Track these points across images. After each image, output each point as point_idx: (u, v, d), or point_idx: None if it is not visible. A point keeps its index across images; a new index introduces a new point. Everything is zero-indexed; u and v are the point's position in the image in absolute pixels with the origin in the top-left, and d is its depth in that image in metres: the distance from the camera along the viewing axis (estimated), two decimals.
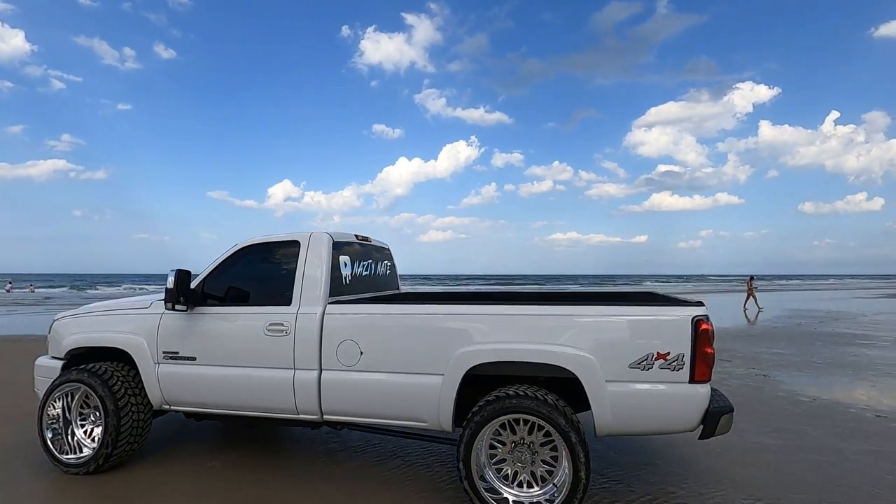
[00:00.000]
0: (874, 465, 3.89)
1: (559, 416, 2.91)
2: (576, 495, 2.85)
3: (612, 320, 3.07)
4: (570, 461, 2.87)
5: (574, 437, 2.87)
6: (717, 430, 2.95)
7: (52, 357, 4.13)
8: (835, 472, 3.75)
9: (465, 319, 3.27)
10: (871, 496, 3.37)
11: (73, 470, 3.71)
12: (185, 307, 3.65)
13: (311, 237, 3.78)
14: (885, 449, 4.23)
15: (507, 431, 3.08)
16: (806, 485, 3.54)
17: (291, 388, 3.48)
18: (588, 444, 2.93)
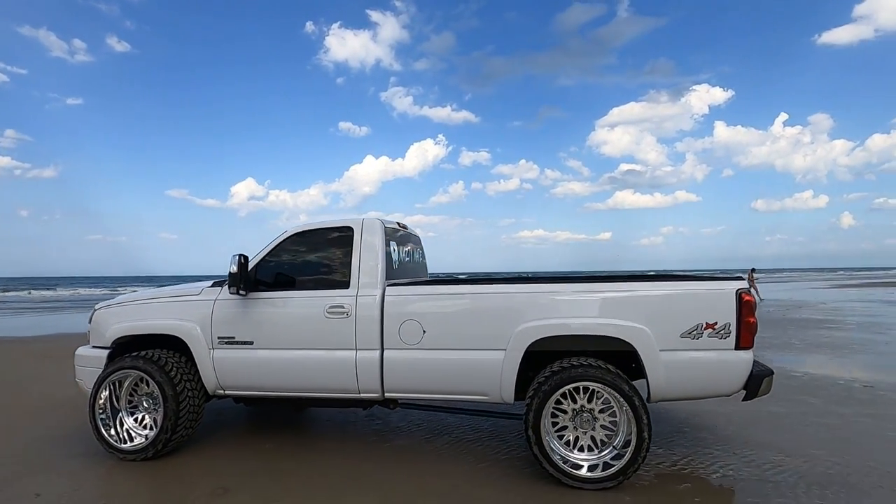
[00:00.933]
0: (876, 425, 4.33)
1: (622, 382, 3.16)
2: (640, 453, 3.10)
3: (664, 294, 3.34)
4: (635, 423, 3.11)
5: (637, 401, 3.13)
6: (759, 392, 3.26)
7: (95, 346, 4.10)
8: (844, 432, 4.16)
9: (527, 297, 3.48)
10: (881, 449, 3.77)
11: (130, 457, 3.72)
12: (245, 292, 3.71)
13: (364, 223, 3.91)
14: (881, 412, 4.70)
15: (568, 400, 3.31)
16: (823, 442, 3.92)
17: (354, 367, 3.61)
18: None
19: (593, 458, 3.23)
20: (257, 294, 3.81)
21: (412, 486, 3.27)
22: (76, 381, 4.15)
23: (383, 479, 3.36)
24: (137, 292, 4.38)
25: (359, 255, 3.79)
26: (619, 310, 3.32)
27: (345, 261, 3.82)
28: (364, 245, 3.81)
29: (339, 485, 3.29)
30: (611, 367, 3.23)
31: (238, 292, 3.67)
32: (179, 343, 3.90)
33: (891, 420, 4.45)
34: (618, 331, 3.28)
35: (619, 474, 3.12)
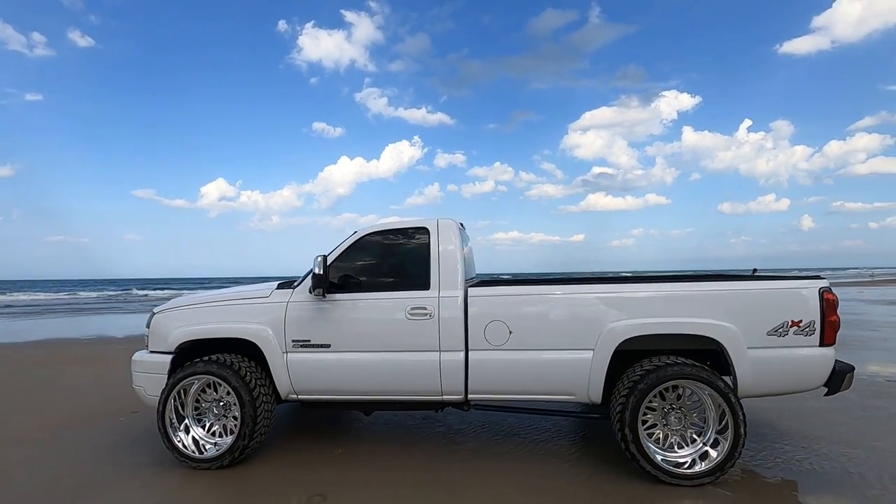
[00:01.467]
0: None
1: (717, 379, 3.23)
2: (737, 448, 3.18)
3: (751, 293, 3.43)
4: (731, 418, 3.18)
5: (733, 397, 3.20)
6: (841, 387, 3.38)
7: (155, 351, 3.94)
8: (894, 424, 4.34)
9: (616, 297, 3.52)
10: None
11: (204, 465, 3.59)
12: (326, 294, 3.64)
13: (440, 223, 3.88)
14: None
15: (658, 399, 3.36)
16: (879, 434, 4.09)
17: (438, 369, 3.57)
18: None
19: (688, 455, 3.29)
20: (333, 296, 3.73)
21: (514, 486, 3.25)
22: (134, 388, 3.98)
23: (475, 481, 3.34)
24: (196, 295, 4.23)
25: (437, 255, 3.75)
26: (707, 309, 3.39)
27: (422, 262, 3.78)
28: (442, 246, 3.78)
29: (433, 488, 3.25)
30: (704, 366, 3.30)
31: (323, 294, 3.59)
32: (248, 347, 3.79)
33: None
34: (708, 329, 3.35)
35: (716, 469, 3.19)
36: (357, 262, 3.90)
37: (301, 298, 3.77)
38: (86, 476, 3.52)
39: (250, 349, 3.79)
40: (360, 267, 3.89)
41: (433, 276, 3.71)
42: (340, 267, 3.85)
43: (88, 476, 3.52)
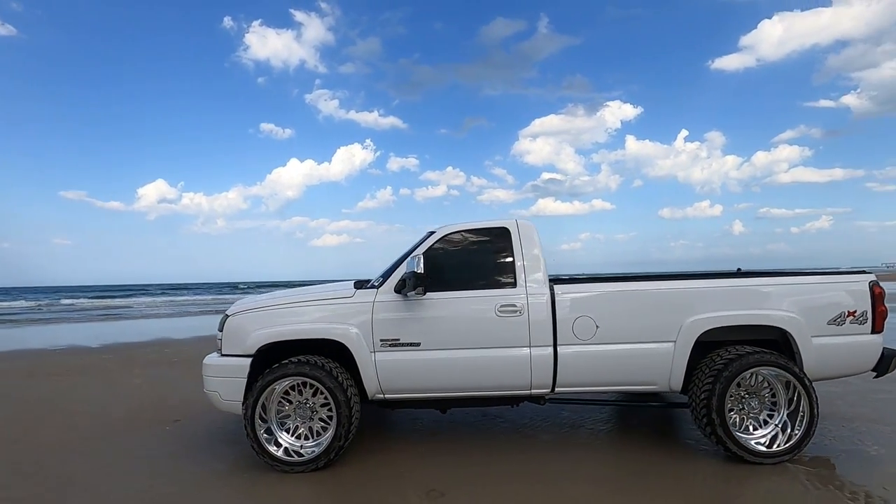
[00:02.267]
0: None
1: (794, 366, 3.54)
2: (812, 428, 3.49)
3: (814, 287, 3.78)
4: (807, 400, 3.49)
5: (807, 381, 3.52)
6: (889, 369, 3.78)
7: (230, 355, 3.83)
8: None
9: (696, 292, 3.77)
10: None
11: (298, 468, 3.54)
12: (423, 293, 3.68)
13: (519, 223, 4.01)
14: None
15: (733, 385, 3.63)
16: None
17: (528, 364, 3.70)
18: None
19: (764, 436, 3.58)
20: (421, 295, 3.77)
21: (613, 471, 3.42)
22: (207, 393, 3.85)
23: (568, 470, 3.48)
24: (266, 297, 4.14)
25: (521, 254, 3.88)
26: (776, 301, 3.71)
27: (506, 260, 3.90)
28: (524, 245, 3.91)
29: (536, 479, 3.37)
30: (780, 354, 3.60)
31: (424, 292, 3.63)
32: (329, 348, 3.77)
33: None
34: (776, 320, 3.66)
35: (795, 448, 3.48)
36: (439, 261, 3.94)
37: (387, 298, 3.79)
38: (176, 484, 3.38)
39: (332, 350, 3.77)
40: (442, 266, 3.94)
41: (519, 275, 3.83)
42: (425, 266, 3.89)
43: (178, 484, 3.38)
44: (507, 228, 4.00)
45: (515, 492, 3.19)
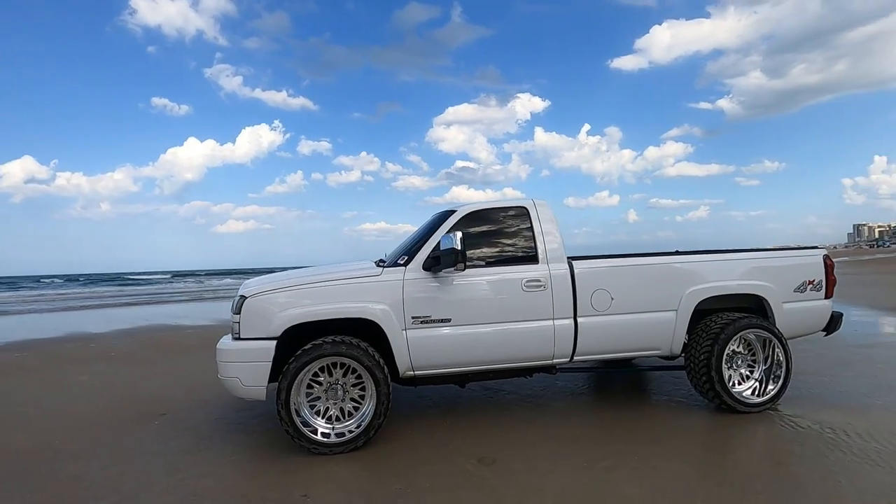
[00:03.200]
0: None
1: (775, 328, 4.11)
2: (788, 381, 4.07)
3: (784, 261, 4.39)
4: (784, 357, 4.07)
5: (784, 341, 4.10)
6: (836, 328, 4.51)
7: (250, 338, 3.62)
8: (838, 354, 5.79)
9: (693, 266, 4.21)
10: None
11: (337, 449, 3.47)
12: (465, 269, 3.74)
13: (536, 203, 4.20)
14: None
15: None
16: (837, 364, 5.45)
17: (552, 335, 3.92)
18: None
19: (748, 389, 4.12)
20: (449, 272, 3.83)
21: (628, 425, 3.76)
22: (224, 380, 3.63)
23: (595, 433, 3.78)
24: (285, 275, 3.95)
25: (541, 232, 4.08)
26: (757, 274, 4.27)
27: (527, 238, 4.07)
28: (543, 223, 4.11)
29: (572, 440, 3.62)
30: (760, 318, 4.16)
31: (464, 269, 3.69)
32: (359, 326, 3.72)
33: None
34: (758, 290, 4.22)
35: (776, 397, 4.05)
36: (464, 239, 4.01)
37: (416, 276, 3.80)
38: (209, 476, 3.17)
39: (361, 329, 3.72)
40: (467, 244, 4.00)
41: (540, 252, 4.03)
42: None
43: (211, 476, 3.17)
44: (526, 207, 4.17)
45: (563, 451, 3.41)
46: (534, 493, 2.80)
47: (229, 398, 5.00)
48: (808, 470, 2.96)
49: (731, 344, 4.02)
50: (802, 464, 3.05)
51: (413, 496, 2.81)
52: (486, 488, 2.88)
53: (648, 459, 3.21)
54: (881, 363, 5.60)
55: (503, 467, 3.16)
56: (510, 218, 4.16)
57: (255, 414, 4.48)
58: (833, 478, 2.83)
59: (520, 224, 4.13)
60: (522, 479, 2.99)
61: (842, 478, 2.82)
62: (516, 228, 4.13)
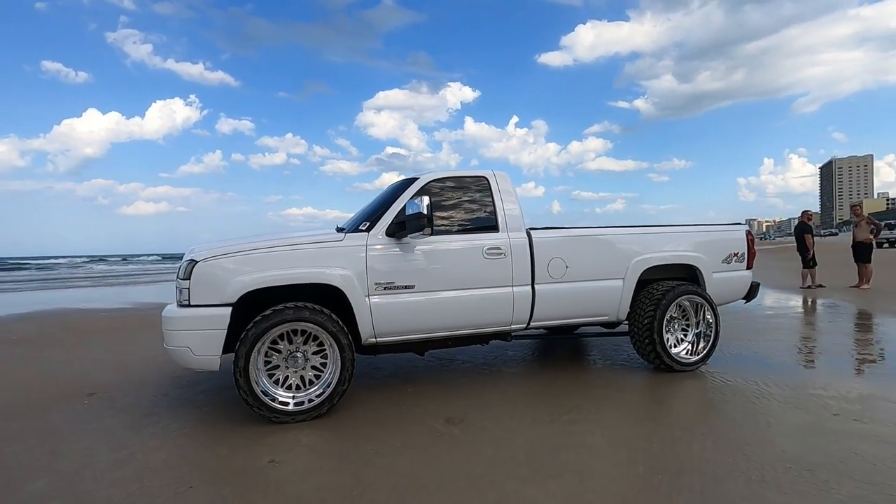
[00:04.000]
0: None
1: (707, 294, 4.50)
2: (717, 340, 4.50)
3: (714, 234, 4.81)
4: (714, 321, 4.48)
5: (714, 305, 4.51)
6: (754, 296, 5.04)
7: (202, 305, 3.39)
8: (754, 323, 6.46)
9: (638, 237, 4.50)
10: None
11: (300, 417, 3.37)
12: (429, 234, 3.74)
13: (496, 174, 4.28)
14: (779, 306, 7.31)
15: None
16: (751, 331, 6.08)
17: (511, 301, 4.04)
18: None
19: (683, 349, 4.50)
20: (411, 239, 3.81)
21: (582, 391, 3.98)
22: (171, 350, 3.39)
23: (556, 392, 3.97)
24: (239, 241, 3.72)
25: (501, 202, 4.16)
26: (692, 246, 4.65)
27: (487, 207, 4.14)
28: (503, 193, 4.20)
29: (537, 401, 3.77)
30: (695, 286, 4.54)
31: (432, 234, 3.67)
32: (319, 293, 3.62)
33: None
34: (693, 260, 4.61)
35: (707, 357, 4.47)
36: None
37: (380, 241, 3.75)
38: (163, 449, 2.95)
39: (320, 296, 3.62)
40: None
41: (500, 221, 4.11)
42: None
43: (164, 449, 2.96)
44: (486, 178, 4.23)
45: (526, 406, 3.56)
46: (505, 445, 2.90)
47: (168, 375, 4.68)
48: (741, 414, 3.31)
49: (670, 309, 4.37)
50: (736, 410, 3.40)
51: (388, 455, 2.80)
52: (459, 444, 2.94)
53: (604, 412, 3.43)
54: (785, 329, 6.34)
55: (471, 425, 3.24)
56: (471, 187, 4.20)
57: (201, 390, 4.22)
58: (763, 420, 3.19)
59: (480, 193, 4.19)
60: (492, 434, 3.08)
61: (770, 419, 3.19)
62: (477, 197, 4.18)
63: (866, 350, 5.15)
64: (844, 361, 4.71)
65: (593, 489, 2.37)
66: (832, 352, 5.09)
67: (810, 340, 5.65)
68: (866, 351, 5.11)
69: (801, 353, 5.10)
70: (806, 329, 6.42)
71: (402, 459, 2.74)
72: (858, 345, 5.38)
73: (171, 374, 4.68)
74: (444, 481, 2.48)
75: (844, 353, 5.03)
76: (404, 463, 2.70)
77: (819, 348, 5.27)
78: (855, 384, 3.88)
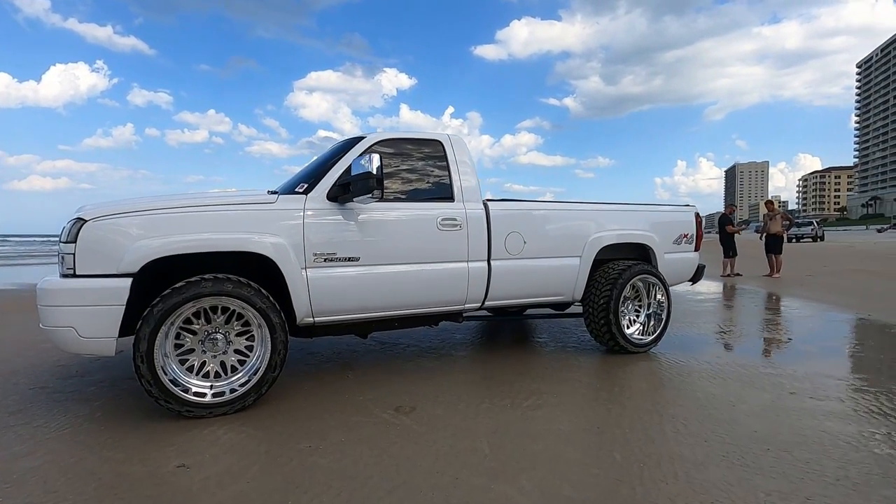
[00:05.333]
0: None
1: (661, 275, 4.40)
2: (669, 319, 4.43)
3: (667, 215, 4.74)
4: (667, 302, 4.40)
5: (668, 287, 4.43)
6: (700, 278, 5.05)
7: (93, 275, 2.72)
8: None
9: (595, 214, 4.30)
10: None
11: (219, 410, 2.81)
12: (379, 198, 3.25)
13: (452, 138, 3.90)
14: None
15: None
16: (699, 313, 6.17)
17: (466, 278, 3.69)
18: None
19: (636, 330, 4.38)
20: (356, 204, 3.34)
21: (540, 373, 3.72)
22: (51, 331, 2.71)
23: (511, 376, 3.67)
24: (143, 199, 3.05)
25: (456, 169, 3.79)
26: (648, 226, 4.55)
27: (442, 174, 3.75)
28: (459, 160, 3.83)
29: (489, 385, 3.45)
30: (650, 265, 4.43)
31: (382, 198, 3.21)
32: (246, 265, 3.07)
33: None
34: (648, 240, 4.50)
35: (659, 338, 4.37)
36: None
37: (320, 206, 3.25)
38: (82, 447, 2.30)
39: (243, 268, 3.07)
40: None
41: (456, 190, 3.74)
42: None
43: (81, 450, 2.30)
44: (441, 142, 3.83)
45: (481, 391, 3.24)
46: (465, 435, 2.55)
47: (50, 364, 3.88)
48: (703, 395, 3.18)
49: (625, 289, 4.23)
50: (697, 390, 3.27)
51: (329, 452, 2.35)
52: (411, 435, 2.55)
53: (566, 396, 3.18)
54: (717, 313, 6.54)
55: (423, 414, 2.85)
56: (424, 151, 3.78)
57: (92, 381, 3.50)
58: (726, 400, 3.07)
59: (434, 159, 3.78)
60: (447, 422, 2.71)
61: (732, 399, 3.08)
62: (431, 163, 3.77)
63: (797, 331, 5.35)
64: (782, 343, 4.84)
65: (571, 481, 2.08)
66: (768, 334, 5.23)
67: (745, 323, 5.82)
68: (797, 332, 5.30)
69: (741, 335, 5.20)
70: (737, 313, 6.65)
71: (345, 457, 2.30)
72: (789, 327, 5.60)
73: (55, 364, 3.89)
74: (399, 481, 2.08)
75: (781, 334, 5.19)
76: (348, 461, 2.26)
77: (754, 331, 5.41)
78: (798, 364, 3.92)
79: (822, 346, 4.61)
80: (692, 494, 1.96)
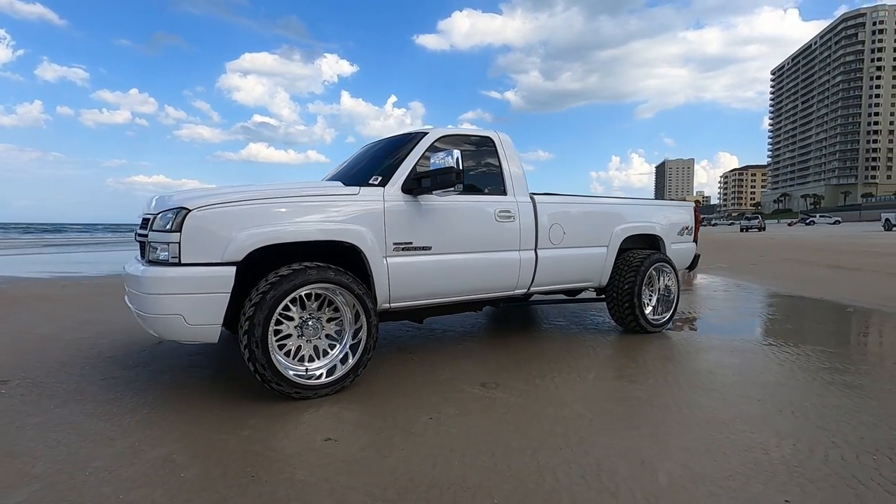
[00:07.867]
0: None
1: (673, 262, 4.91)
2: (678, 303, 4.96)
3: (672, 209, 5.27)
4: (676, 285, 4.93)
5: (677, 272, 4.95)
6: (695, 265, 5.65)
7: (197, 264, 2.77)
8: None
9: (621, 208, 4.73)
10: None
11: (323, 391, 2.96)
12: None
13: (500, 136, 4.17)
14: None
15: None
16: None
17: (518, 266, 3.99)
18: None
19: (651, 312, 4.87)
20: (427, 197, 3.54)
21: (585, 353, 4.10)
22: (157, 319, 2.74)
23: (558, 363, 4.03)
24: (234, 189, 3.08)
25: (507, 164, 4.07)
26: (660, 218, 5.05)
27: (494, 169, 4.02)
28: (508, 156, 4.11)
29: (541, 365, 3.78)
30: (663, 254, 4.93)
31: (462, 192, 3.42)
32: (329, 254, 3.21)
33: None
34: (660, 230, 5.00)
35: (671, 319, 4.90)
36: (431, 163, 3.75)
37: (397, 197, 3.42)
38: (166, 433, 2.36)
39: (327, 257, 3.22)
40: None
41: (507, 183, 4.02)
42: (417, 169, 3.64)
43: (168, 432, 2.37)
44: (492, 138, 4.09)
45: (549, 369, 3.53)
46: (559, 403, 2.86)
47: (103, 356, 3.80)
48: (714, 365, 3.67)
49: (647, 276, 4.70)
50: (709, 360, 3.77)
51: (453, 423, 2.59)
52: (512, 406, 2.83)
53: (623, 370, 3.58)
54: (707, 298, 7.25)
55: (509, 388, 3.14)
56: (478, 147, 4.03)
57: (160, 368, 3.49)
58: (726, 373, 3.58)
59: (487, 155, 4.04)
60: (536, 394, 3.02)
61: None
62: (486, 159, 4.03)
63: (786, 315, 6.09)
64: (775, 322, 5.53)
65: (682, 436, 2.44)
66: (758, 315, 5.93)
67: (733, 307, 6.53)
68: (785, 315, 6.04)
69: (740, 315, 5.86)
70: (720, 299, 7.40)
71: (471, 427, 2.55)
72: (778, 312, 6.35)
73: (111, 354, 3.81)
74: (536, 442, 2.36)
75: (774, 316, 5.91)
76: (476, 430, 2.51)
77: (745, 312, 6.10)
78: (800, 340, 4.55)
79: (811, 326, 5.32)
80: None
